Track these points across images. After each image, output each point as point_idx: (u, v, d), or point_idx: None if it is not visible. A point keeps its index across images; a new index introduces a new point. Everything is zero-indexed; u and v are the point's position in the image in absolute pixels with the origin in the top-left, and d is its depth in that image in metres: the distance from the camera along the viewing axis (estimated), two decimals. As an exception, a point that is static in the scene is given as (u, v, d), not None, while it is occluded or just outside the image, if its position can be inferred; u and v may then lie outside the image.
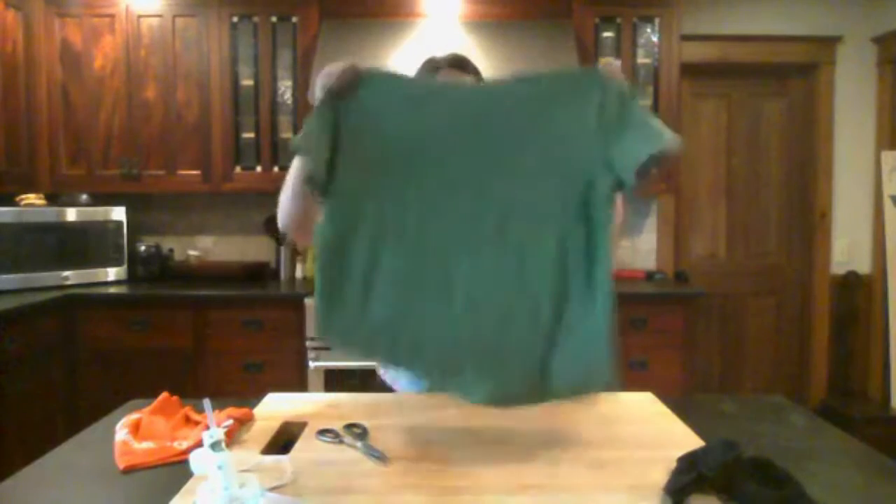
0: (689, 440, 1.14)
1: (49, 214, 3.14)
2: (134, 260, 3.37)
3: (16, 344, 2.64)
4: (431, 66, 1.45)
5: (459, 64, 1.45)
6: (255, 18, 3.23)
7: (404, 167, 1.13)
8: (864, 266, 3.73)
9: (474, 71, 1.47)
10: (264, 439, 1.16)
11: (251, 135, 3.27)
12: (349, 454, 1.09)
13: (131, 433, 1.16)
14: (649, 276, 3.52)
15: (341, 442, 1.13)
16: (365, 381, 1.57)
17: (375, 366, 1.58)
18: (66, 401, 2.95)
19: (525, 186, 1.13)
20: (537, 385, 1.08)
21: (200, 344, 3.02)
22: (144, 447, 1.12)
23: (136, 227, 3.52)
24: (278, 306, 3.01)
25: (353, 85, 1.13)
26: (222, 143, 3.26)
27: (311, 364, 2.92)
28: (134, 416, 1.23)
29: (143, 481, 1.03)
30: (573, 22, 3.23)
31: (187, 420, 1.23)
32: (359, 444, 1.11)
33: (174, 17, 3.24)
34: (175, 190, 3.34)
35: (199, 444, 0.92)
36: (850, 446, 1.18)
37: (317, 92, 1.15)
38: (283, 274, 3.52)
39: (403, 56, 3.00)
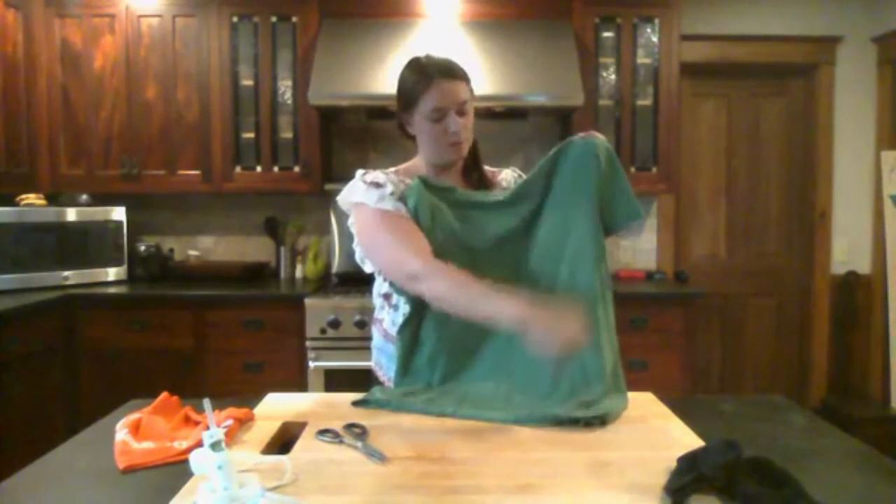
0: (689, 440, 1.14)
1: (49, 214, 3.14)
2: (134, 260, 3.37)
3: (16, 344, 2.64)
4: (424, 75, 1.41)
5: (452, 72, 1.42)
6: (255, 18, 3.23)
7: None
8: (864, 266, 3.73)
9: (466, 74, 1.44)
10: (264, 439, 1.16)
11: (251, 135, 3.27)
12: (349, 454, 1.09)
13: (131, 433, 1.16)
14: (649, 276, 3.52)
15: (341, 442, 1.13)
16: (365, 381, 1.57)
17: (372, 365, 1.58)
18: (66, 401, 2.95)
19: (551, 274, 1.39)
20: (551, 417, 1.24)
21: (200, 344, 3.02)
22: (144, 447, 1.12)
23: (136, 227, 3.52)
24: (278, 306, 3.01)
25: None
26: (222, 143, 3.26)
27: (311, 364, 2.92)
28: (134, 416, 1.23)
29: (143, 481, 1.03)
30: (573, 22, 3.23)
31: (187, 420, 1.23)
32: (359, 444, 1.11)
33: (174, 17, 3.24)
34: (175, 190, 3.34)
35: (199, 444, 0.92)
36: (850, 446, 1.17)
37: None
38: (282, 274, 3.52)
39: (403, 56, 2.99)
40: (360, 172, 1.47)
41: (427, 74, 1.40)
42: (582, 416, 1.21)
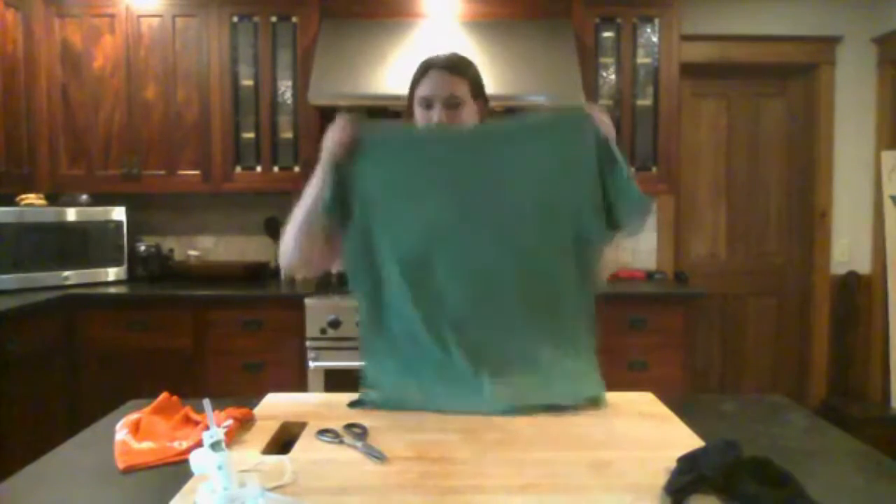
0: (689, 440, 1.13)
1: (49, 214, 3.14)
2: (134, 260, 3.36)
3: (16, 344, 2.64)
4: (424, 64, 1.45)
5: (451, 66, 1.44)
6: (255, 18, 3.23)
7: (406, 206, 1.35)
8: (864, 266, 3.73)
9: (471, 75, 1.46)
10: (264, 439, 1.16)
11: (251, 135, 3.27)
12: (349, 454, 1.09)
13: (131, 433, 1.16)
14: (649, 276, 3.51)
15: (341, 442, 1.13)
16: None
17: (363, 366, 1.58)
18: (66, 401, 2.95)
19: (519, 228, 1.33)
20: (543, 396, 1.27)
21: (200, 344, 3.02)
22: (144, 447, 1.12)
23: (136, 227, 3.52)
24: (278, 306, 3.01)
25: (353, 149, 1.37)
26: (222, 143, 3.26)
27: (311, 364, 2.92)
28: (134, 416, 1.23)
29: (143, 481, 1.03)
30: (573, 22, 3.23)
31: (187, 420, 1.23)
32: (359, 444, 1.11)
33: (174, 17, 3.24)
34: (175, 190, 3.34)
35: (199, 444, 0.92)
36: (850, 446, 1.17)
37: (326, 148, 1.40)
38: (283, 274, 3.52)
39: (403, 56, 3.00)
40: None
41: (426, 64, 1.45)
42: (572, 403, 1.25)
